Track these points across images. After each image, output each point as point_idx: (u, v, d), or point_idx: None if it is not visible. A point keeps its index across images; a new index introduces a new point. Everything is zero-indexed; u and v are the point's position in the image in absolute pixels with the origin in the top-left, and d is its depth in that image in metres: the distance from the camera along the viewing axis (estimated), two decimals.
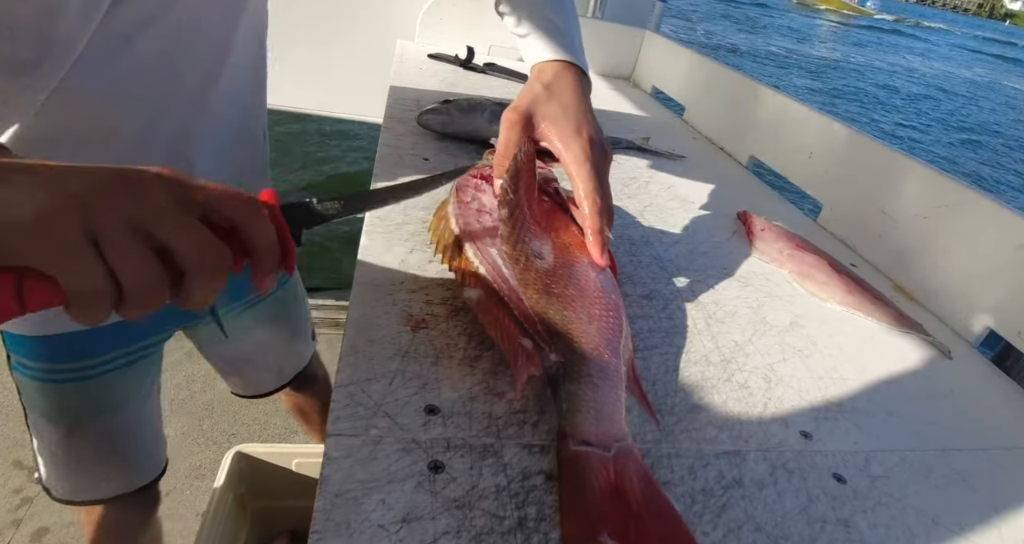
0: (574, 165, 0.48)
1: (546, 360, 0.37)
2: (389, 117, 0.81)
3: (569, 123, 0.49)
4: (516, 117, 0.50)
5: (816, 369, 0.49)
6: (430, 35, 1.34)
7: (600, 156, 0.49)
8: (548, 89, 0.51)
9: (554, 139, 0.50)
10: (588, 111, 0.52)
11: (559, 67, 0.54)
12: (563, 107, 0.50)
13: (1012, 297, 0.57)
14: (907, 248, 0.69)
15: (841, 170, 0.79)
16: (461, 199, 0.51)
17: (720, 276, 0.60)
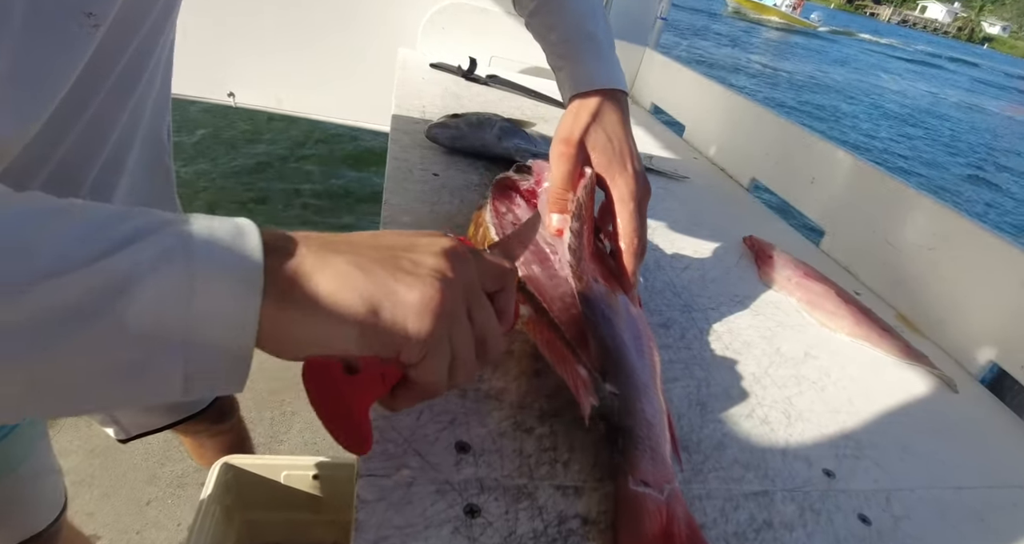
0: (619, 202, 0.47)
1: (600, 390, 0.36)
2: (396, 129, 0.80)
3: (616, 155, 0.49)
4: (569, 150, 0.48)
5: (831, 402, 0.49)
6: (431, 44, 1.33)
7: (644, 193, 0.48)
8: (596, 119, 0.50)
9: (601, 171, 0.49)
10: (632, 142, 0.51)
11: (604, 94, 0.52)
12: (610, 138, 0.49)
13: (1016, 332, 0.58)
14: (910, 277, 0.69)
15: (844, 197, 0.80)
16: (498, 209, 0.50)
17: (732, 304, 0.60)
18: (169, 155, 0.59)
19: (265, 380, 1.50)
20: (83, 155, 0.42)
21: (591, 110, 0.50)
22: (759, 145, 0.98)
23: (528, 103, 1.14)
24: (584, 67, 0.53)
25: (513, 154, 0.77)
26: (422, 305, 0.25)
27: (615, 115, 0.51)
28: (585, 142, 0.49)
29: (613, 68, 0.53)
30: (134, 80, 0.43)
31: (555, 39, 0.55)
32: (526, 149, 0.78)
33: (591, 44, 0.54)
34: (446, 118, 0.78)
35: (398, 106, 0.90)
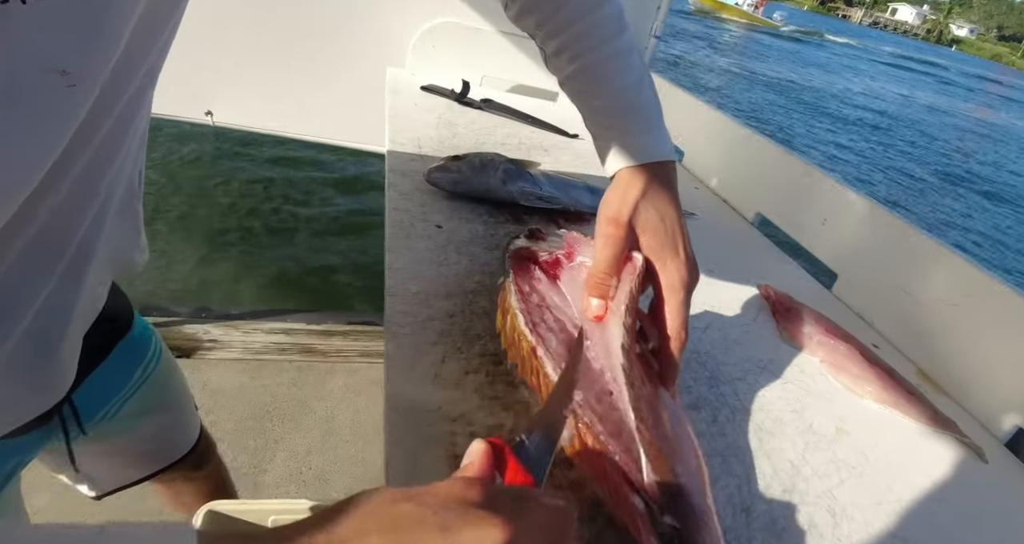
0: (668, 291, 0.43)
1: (659, 524, 0.32)
2: (393, 170, 0.76)
3: (668, 238, 0.44)
4: (618, 231, 0.44)
5: (872, 490, 0.46)
6: (421, 63, 1.28)
7: (694, 281, 0.44)
8: (645, 196, 0.45)
9: (651, 255, 0.44)
10: (683, 221, 0.47)
11: (655, 168, 0.47)
12: (662, 218, 0.45)
13: None
14: (931, 332, 0.67)
15: (858, 242, 0.78)
16: (521, 290, 0.46)
17: (757, 371, 0.57)
18: (139, 199, 0.54)
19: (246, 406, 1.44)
20: (70, 216, 0.37)
21: (640, 186, 0.46)
22: (764, 179, 0.95)
23: (525, 130, 1.10)
24: (633, 139, 0.48)
25: (518, 198, 0.73)
26: None
27: (667, 192, 0.47)
28: (634, 223, 0.44)
29: (663, 139, 0.49)
30: (120, 138, 0.38)
31: (599, 107, 0.50)
32: (531, 192, 0.74)
33: (641, 115, 0.49)
34: (447, 161, 0.73)
35: (392, 140, 0.86)
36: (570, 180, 0.82)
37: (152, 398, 0.70)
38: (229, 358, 1.35)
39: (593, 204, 0.79)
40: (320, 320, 1.59)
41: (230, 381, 1.32)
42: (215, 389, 1.30)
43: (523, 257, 0.50)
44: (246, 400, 1.30)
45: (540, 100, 1.36)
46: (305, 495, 1.26)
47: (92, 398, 0.59)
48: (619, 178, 0.48)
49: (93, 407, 0.61)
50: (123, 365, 0.63)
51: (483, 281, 0.56)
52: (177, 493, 0.92)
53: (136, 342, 0.65)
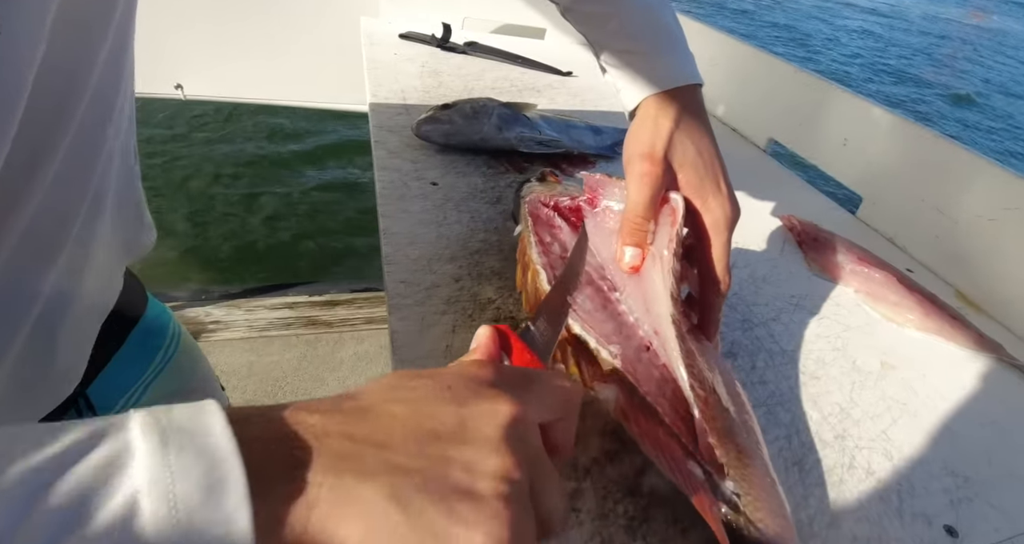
0: (712, 230, 0.38)
1: (720, 492, 0.29)
2: (378, 127, 0.70)
3: (708, 173, 0.40)
4: (654, 169, 0.39)
5: (926, 427, 0.43)
6: (396, 9, 1.19)
7: (736, 217, 0.40)
8: (679, 126, 0.40)
9: (691, 193, 0.40)
10: (718, 150, 0.42)
11: (684, 93, 0.42)
12: (699, 151, 0.40)
13: None
14: (969, 252, 0.63)
15: (884, 161, 0.73)
16: (542, 241, 0.41)
17: (791, 309, 0.53)
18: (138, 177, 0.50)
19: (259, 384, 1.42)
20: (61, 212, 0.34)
21: (672, 116, 0.40)
22: (776, 102, 0.89)
23: (515, 71, 1.02)
24: (660, 61, 0.43)
25: (516, 145, 0.68)
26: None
27: (700, 120, 0.42)
28: (670, 158, 0.39)
29: (690, 60, 0.44)
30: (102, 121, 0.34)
31: (616, 28, 0.44)
32: (530, 137, 0.68)
33: (665, 34, 0.43)
34: (436, 110, 0.67)
35: (374, 94, 0.79)
36: (570, 121, 0.76)
37: (176, 382, 0.68)
38: (235, 338, 1.32)
39: (597, 145, 0.74)
40: (322, 291, 1.55)
41: (238, 360, 1.30)
42: (224, 370, 1.28)
43: (540, 204, 0.45)
44: (257, 378, 1.28)
45: (528, 39, 1.27)
46: None
47: (109, 390, 0.57)
48: (646, 108, 0.42)
49: (111, 399, 0.59)
50: (140, 352, 0.61)
51: (488, 239, 0.52)
52: None
53: (151, 326, 0.62)
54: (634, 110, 0.43)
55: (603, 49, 0.46)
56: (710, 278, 0.38)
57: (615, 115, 0.88)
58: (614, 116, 0.88)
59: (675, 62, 0.43)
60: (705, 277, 0.38)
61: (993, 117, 6.30)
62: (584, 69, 1.07)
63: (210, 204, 2.52)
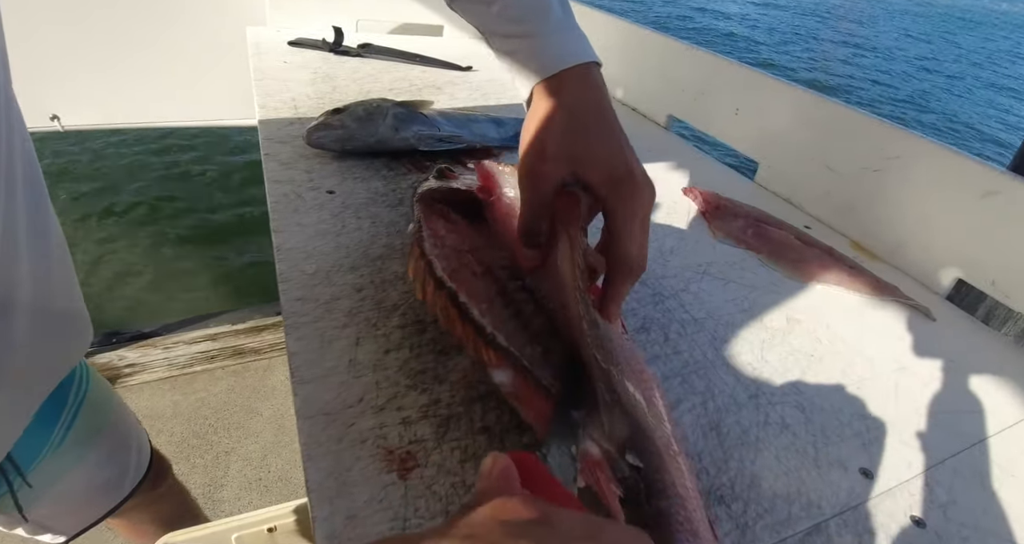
0: (622, 216, 0.35)
1: (618, 467, 0.29)
2: (267, 139, 0.66)
3: (614, 159, 0.37)
4: (543, 167, 0.37)
5: (833, 375, 0.45)
6: (284, 17, 1.15)
7: (650, 198, 0.37)
8: (574, 114, 0.38)
9: (595, 181, 0.37)
10: (622, 130, 0.39)
11: (578, 74, 0.39)
12: (600, 138, 0.37)
13: (982, 246, 0.56)
14: (858, 203, 0.66)
15: (773, 125, 0.76)
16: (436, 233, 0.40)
17: (699, 278, 0.54)
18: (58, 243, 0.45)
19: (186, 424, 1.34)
20: None
21: (566, 103, 0.38)
22: (671, 79, 0.91)
23: (415, 71, 1.00)
24: (547, 42, 0.40)
25: (415, 144, 0.66)
26: None
27: (598, 101, 0.39)
28: (566, 151, 0.37)
29: (581, 38, 0.41)
30: None
31: (499, 11, 0.41)
32: (429, 135, 0.67)
33: (548, 14, 0.41)
34: (326, 116, 0.64)
35: (263, 106, 0.75)
36: (471, 115, 0.75)
37: (94, 420, 0.64)
38: (153, 379, 1.24)
39: (501, 136, 0.73)
40: (245, 317, 1.48)
41: (161, 402, 1.21)
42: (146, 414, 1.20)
43: (435, 199, 0.44)
44: (184, 418, 1.20)
45: (425, 37, 1.25)
46: (269, 500, 1.20)
47: (29, 444, 0.54)
48: (538, 96, 0.40)
49: (33, 450, 0.56)
50: (52, 395, 0.56)
51: (391, 243, 0.50)
52: (136, 523, 0.84)
53: None
54: (529, 98, 0.41)
55: (491, 37, 0.44)
56: (616, 263, 0.36)
57: (518, 106, 0.88)
58: (517, 107, 0.87)
59: (563, 42, 0.40)
60: (615, 261, 0.36)
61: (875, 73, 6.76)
62: (484, 63, 1.06)
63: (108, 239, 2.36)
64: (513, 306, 0.37)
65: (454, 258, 0.39)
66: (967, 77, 7.82)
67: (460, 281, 0.37)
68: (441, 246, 0.40)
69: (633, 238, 0.35)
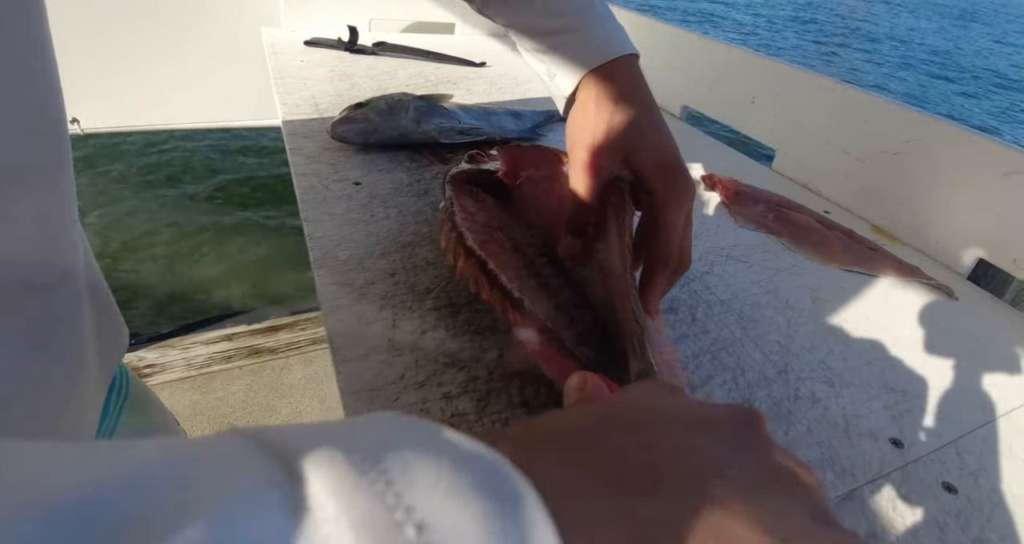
0: (673, 208, 0.36)
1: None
2: (291, 134, 0.68)
3: (656, 150, 0.38)
4: (595, 159, 0.37)
5: (861, 353, 0.45)
6: (298, 18, 1.16)
7: (694, 196, 0.38)
8: (619, 106, 0.38)
9: (641, 172, 0.38)
10: (663, 120, 0.40)
11: (621, 66, 0.40)
12: (651, 129, 0.38)
13: (1002, 225, 0.56)
14: (877, 187, 0.67)
15: (790, 113, 0.76)
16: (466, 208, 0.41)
17: (723, 261, 0.55)
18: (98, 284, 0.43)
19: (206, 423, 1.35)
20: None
21: (611, 95, 0.39)
22: (685, 70, 0.92)
23: (428, 67, 1.01)
24: (590, 35, 0.40)
25: (437, 136, 0.67)
26: None
27: (642, 94, 0.40)
28: (616, 143, 0.37)
29: (619, 30, 0.42)
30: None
31: (541, 7, 0.42)
32: (450, 127, 0.68)
33: (589, 6, 0.42)
34: (349, 110, 0.66)
35: (284, 103, 0.77)
36: (488, 108, 0.76)
37: (140, 420, 0.65)
38: (172, 379, 1.25)
39: (519, 128, 0.74)
40: (261, 318, 1.49)
41: (181, 401, 1.23)
42: None
43: (465, 180, 0.45)
44: (204, 417, 1.22)
45: (438, 35, 1.27)
46: None
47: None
48: (585, 89, 0.40)
49: None
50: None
51: (419, 230, 0.51)
52: None
53: None
54: (573, 93, 0.42)
55: (528, 34, 0.44)
56: (661, 256, 0.36)
57: (533, 100, 0.89)
58: (532, 101, 0.88)
59: (605, 34, 0.41)
60: (658, 251, 0.37)
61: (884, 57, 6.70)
62: (497, 59, 1.07)
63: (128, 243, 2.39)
64: (540, 278, 0.38)
65: (484, 232, 0.40)
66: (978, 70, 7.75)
67: (490, 252, 0.38)
68: (472, 221, 0.41)
69: (677, 230, 0.36)
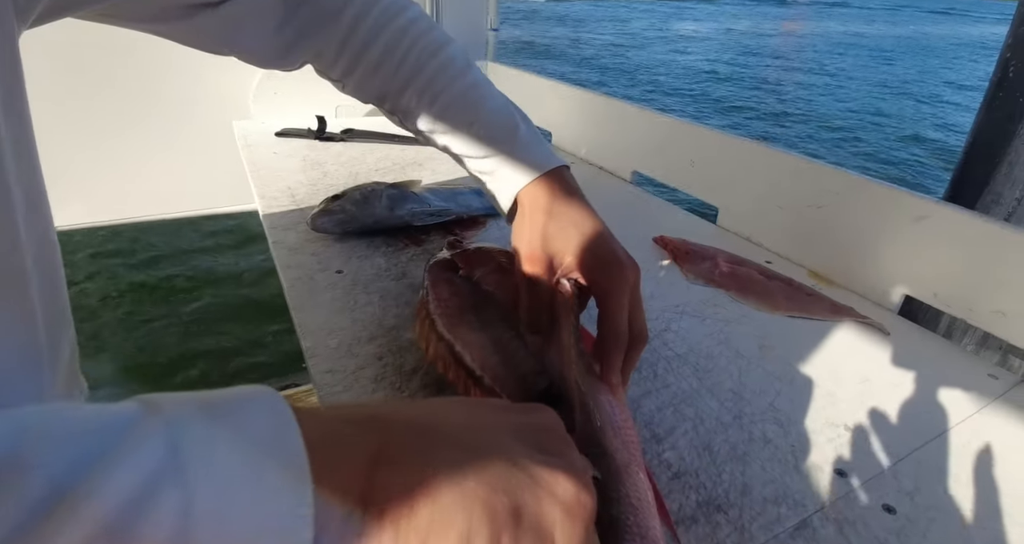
0: (614, 297, 0.40)
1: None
2: (272, 227, 0.73)
3: (598, 248, 0.42)
4: (535, 268, 0.42)
5: (805, 392, 0.51)
6: (268, 109, 1.24)
7: (632, 276, 0.41)
8: (553, 215, 0.43)
9: (585, 273, 0.42)
10: (601, 221, 0.45)
11: (551, 178, 0.46)
12: (583, 231, 0.43)
13: (920, 264, 0.64)
14: (810, 236, 0.74)
15: (726, 174, 0.85)
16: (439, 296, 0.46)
17: (678, 317, 0.60)
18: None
19: None
20: None
21: (544, 206, 0.44)
22: (631, 139, 1.01)
23: (394, 150, 1.09)
24: (521, 155, 0.47)
25: (409, 220, 0.73)
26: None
27: (574, 199, 0.45)
28: (553, 249, 0.43)
29: (545, 146, 0.48)
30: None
31: (475, 134, 0.48)
32: (421, 211, 0.74)
33: (521, 131, 0.48)
34: (327, 202, 0.71)
35: (263, 196, 0.82)
36: (455, 189, 0.83)
37: None
38: None
39: (484, 206, 0.81)
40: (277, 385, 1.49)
41: None
42: None
43: (442, 268, 0.51)
44: None
45: None
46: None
47: None
48: (520, 204, 0.46)
49: None
50: None
51: (401, 313, 0.56)
52: None
53: None
54: (511, 209, 0.48)
55: (470, 159, 0.50)
56: (611, 336, 0.40)
57: None
58: None
59: (534, 153, 0.47)
60: (607, 333, 0.40)
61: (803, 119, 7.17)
62: None
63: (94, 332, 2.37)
64: (505, 354, 0.42)
65: (456, 316, 0.45)
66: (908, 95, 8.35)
67: (457, 334, 0.43)
68: (444, 307, 0.46)
69: (621, 311, 0.40)
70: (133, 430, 0.17)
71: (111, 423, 0.17)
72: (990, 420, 0.50)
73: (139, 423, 0.17)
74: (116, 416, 0.17)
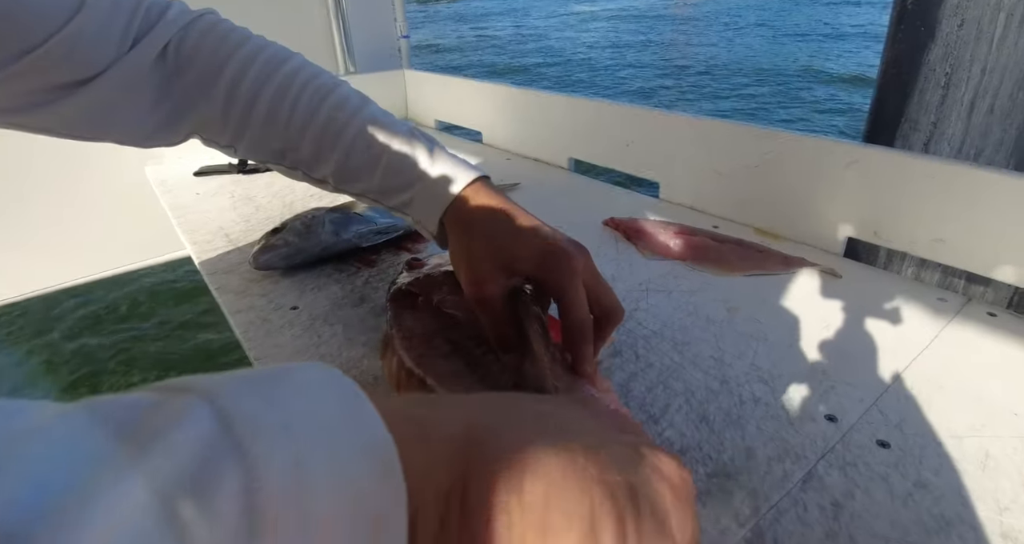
0: (568, 287, 0.39)
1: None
2: (211, 273, 0.69)
3: (536, 243, 0.41)
4: (481, 289, 0.41)
5: (780, 346, 0.52)
6: (180, 151, 1.17)
7: (584, 259, 0.40)
8: (483, 227, 0.43)
9: (530, 274, 0.41)
10: (532, 219, 0.43)
11: (472, 191, 0.45)
12: (516, 232, 0.42)
13: (858, 207, 0.67)
14: (751, 196, 0.77)
15: (661, 149, 0.86)
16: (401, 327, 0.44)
17: (645, 295, 0.61)
18: None
19: None
20: None
21: (475, 220, 0.43)
22: (564, 127, 1.01)
23: None
24: (433, 179, 0.46)
25: (358, 242, 0.70)
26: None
27: (496, 207, 0.44)
28: (491, 265, 0.41)
29: (458, 162, 0.47)
30: None
31: (389, 162, 0.47)
32: (368, 231, 0.71)
33: (432, 152, 0.47)
34: (267, 237, 0.68)
35: (194, 242, 0.78)
36: None
37: None
38: None
39: None
40: None
41: None
42: None
43: (403, 296, 0.48)
44: None
45: None
46: None
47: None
48: (447, 228, 0.45)
49: None
50: None
51: (369, 341, 0.54)
52: None
53: None
54: (439, 233, 0.47)
55: (382, 197, 0.49)
56: (575, 326, 0.39)
57: None
58: None
59: (445, 171, 0.46)
60: (569, 325, 0.39)
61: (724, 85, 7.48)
62: None
63: None
64: (479, 372, 0.41)
65: (422, 345, 0.43)
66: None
67: (427, 366, 0.41)
68: (410, 338, 0.43)
69: (577, 300, 0.38)
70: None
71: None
72: (951, 340, 0.53)
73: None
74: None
